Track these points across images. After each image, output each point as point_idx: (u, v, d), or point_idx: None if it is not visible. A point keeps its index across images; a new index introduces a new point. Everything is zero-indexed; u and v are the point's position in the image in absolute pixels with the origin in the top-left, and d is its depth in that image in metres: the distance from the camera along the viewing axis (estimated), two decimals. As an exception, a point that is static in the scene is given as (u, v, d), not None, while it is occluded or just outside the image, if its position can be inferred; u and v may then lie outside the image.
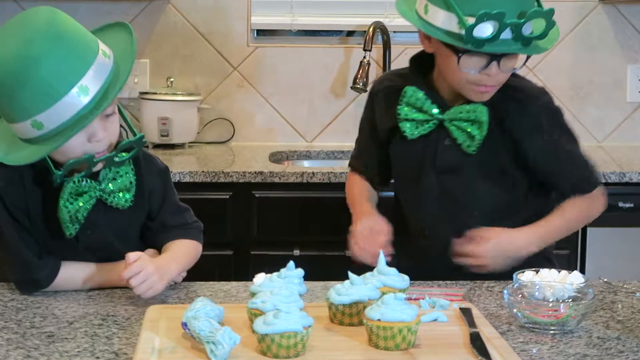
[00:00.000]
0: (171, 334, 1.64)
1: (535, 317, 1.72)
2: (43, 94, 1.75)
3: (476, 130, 2.07)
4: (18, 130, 1.82)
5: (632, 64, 3.74)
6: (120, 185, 1.94)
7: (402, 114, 2.14)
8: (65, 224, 1.89)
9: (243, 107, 3.69)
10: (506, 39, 1.96)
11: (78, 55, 1.79)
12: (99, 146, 1.85)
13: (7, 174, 1.90)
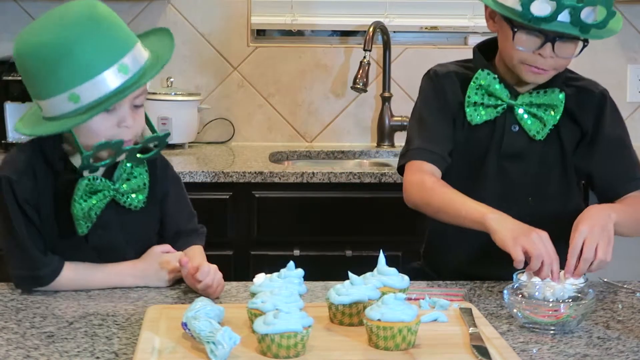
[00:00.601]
0: (171, 334, 1.64)
1: (535, 317, 1.72)
2: (85, 66, 1.80)
3: (549, 115, 2.10)
4: (51, 105, 1.84)
5: (632, 64, 3.75)
6: (133, 186, 1.96)
7: (471, 96, 2.13)
8: (78, 221, 1.91)
9: (243, 107, 3.69)
10: (563, 22, 1.96)
11: (119, 38, 1.85)
12: (127, 133, 1.88)
13: (21, 167, 1.92)
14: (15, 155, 1.98)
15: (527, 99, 2.11)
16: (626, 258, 3.21)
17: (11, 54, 3.53)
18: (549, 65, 2.06)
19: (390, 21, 3.66)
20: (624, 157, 2.16)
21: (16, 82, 3.36)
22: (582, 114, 2.14)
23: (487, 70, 2.13)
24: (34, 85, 1.86)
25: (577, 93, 2.15)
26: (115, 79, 1.82)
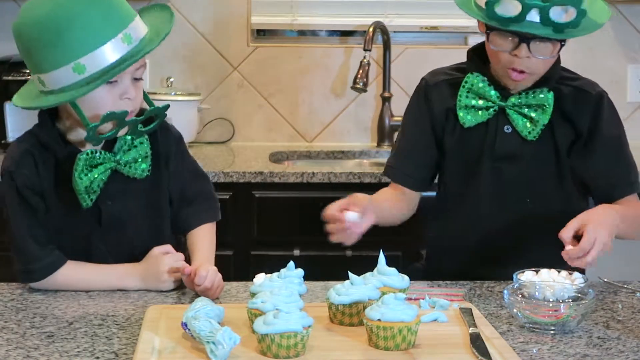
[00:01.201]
0: (171, 334, 1.64)
1: (535, 317, 1.72)
2: (90, 37, 1.82)
3: (540, 115, 2.09)
4: (54, 78, 1.85)
5: (632, 64, 3.74)
6: (135, 155, 1.97)
7: (462, 100, 2.14)
8: (81, 194, 1.92)
9: (243, 107, 3.69)
10: (533, 22, 1.96)
11: (120, 10, 1.88)
12: (129, 104, 1.90)
13: (19, 157, 1.94)
14: (13, 147, 2.00)
15: (517, 100, 2.11)
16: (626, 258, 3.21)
17: (11, 54, 3.55)
18: (527, 66, 2.04)
19: (390, 21, 3.66)
20: (621, 160, 2.15)
21: (16, 82, 3.36)
22: (577, 114, 2.13)
23: (477, 73, 2.13)
24: (36, 58, 1.87)
25: (574, 93, 2.14)
26: (117, 50, 1.84)
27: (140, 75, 1.93)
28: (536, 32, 1.97)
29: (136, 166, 1.98)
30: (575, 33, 2.00)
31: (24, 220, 1.94)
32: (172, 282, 1.97)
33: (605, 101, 2.15)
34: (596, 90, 2.16)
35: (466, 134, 2.16)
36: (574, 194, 2.19)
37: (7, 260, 3.10)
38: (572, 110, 2.13)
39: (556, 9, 1.95)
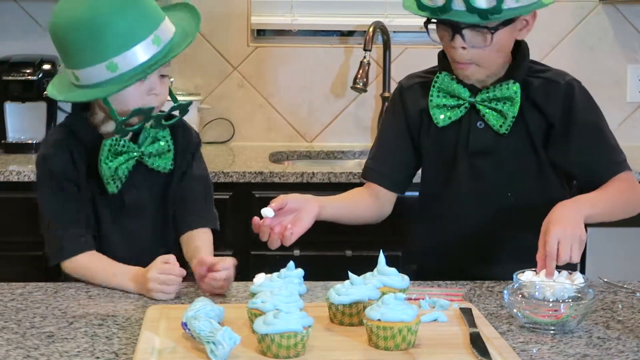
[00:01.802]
0: (171, 334, 1.64)
1: (535, 317, 1.72)
2: (125, 37, 1.95)
3: (509, 108, 2.10)
4: (87, 74, 1.98)
5: (632, 64, 3.74)
6: (158, 148, 2.10)
7: (433, 100, 2.16)
8: (107, 180, 2.05)
9: (243, 107, 3.69)
10: (460, 10, 2.00)
11: (151, 11, 2.00)
12: (155, 100, 2.04)
13: (55, 143, 2.09)
14: (49, 136, 2.15)
15: (486, 95, 2.12)
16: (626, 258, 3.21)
17: (11, 54, 3.55)
18: (467, 57, 2.07)
19: (390, 21, 3.66)
20: (601, 142, 2.14)
21: (16, 82, 3.36)
22: (547, 105, 2.13)
23: (445, 72, 2.16)
24: (71, 56, 1.98)
25: (544, 84, 2.14)
26: (148, 51, 1.97)
27: (166, 72, 2.05)
28: (462, 20, 2.01)
29: (160, 160, 2.10)
30: (501, 17, 2.02)
31: (58, 202, 2.05)
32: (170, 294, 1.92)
33: (576, 89, 2.14)
34: (565, 80, 2.15)
35: (441, 133, 2.18)
36: (554, 183, 2.18)
37: (7, 260, 3.11)
38: (542, 101, 2.13)
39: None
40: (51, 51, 3.54)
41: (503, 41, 2.08)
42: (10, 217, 3.09)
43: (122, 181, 2.07)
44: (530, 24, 2.12)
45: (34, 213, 3.08)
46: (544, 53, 3.64)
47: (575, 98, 2.13)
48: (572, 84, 2.14)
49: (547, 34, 3.62)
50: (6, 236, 3.10)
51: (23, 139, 3.44)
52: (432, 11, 2.05)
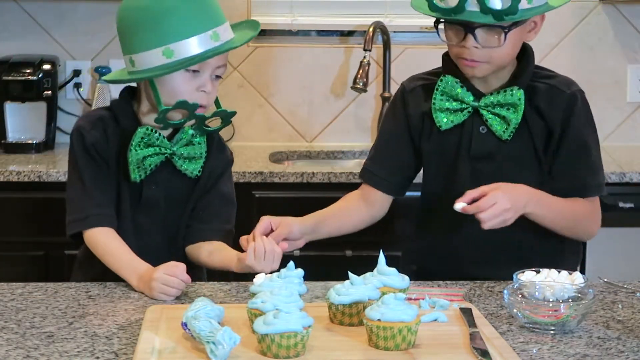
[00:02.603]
0: (171, 334, 1.64)
1: (535, 317, 1.72)
2: (186, 25, 2.00)
3: (512, 114, 2.10)
4: (143, 58, 2.02)
5: (632, 64, 3.74)
6: (190, 152, 2.11)
7: (437, 103, 2.15)
8: (132, 167, 2.06)
9: (243, 107, 3.69)
10: (474, 11, 2.00)
11: (217, 10, 2.09)
12: (204, 98, 2.06)
13: (94, 118, 2.12)
14: (89, 113, 2.20)
15: (490, 100, 2.12)
16: (626, 258, 3.21)
17: (11, 54, 3.55)
18: (479, 56, 2.07)
19: (390, 21, 3.66)
20: (584, 161, 2.13)
21: (16, 82, 3.37)
22: (550, 112, 2.12)
23: (449, 75, 2.15)
24: (131, 39, 2.03)
25: (548, 90, 2.14)
26: (204, 44, 2.01)
27: (220, 73, 2.09)
28: (477, 21, 2.01)
29: (189, 164, 2.11)
30: (517, 18, 2.02)
31: (88, 169, 2.08)
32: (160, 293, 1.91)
33: (579, 101, 2.14)
34: (571, 90, 2.14)
35: (443, 136, 2.17)
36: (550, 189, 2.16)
37: (7, 260, 3.11)
38: (545, 107, 2.12)
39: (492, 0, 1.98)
40: (51, 51, 3.58)
41: (514, 41, 2.08)
42: (10, 217, 3.09)
43: (146, 172, 2.08)
44: (538, 26, 2.12)
45: (34, 213, 3.09)
46: (544, 53, 3.64)
47: (575, 110, 2.13)
48: (576, 95, 2.14)
49: (547, 34, 3.62)
50: (6, 236, 3.10)
51: (23, 139, 3.44)
52: (444, 12, 2.04)
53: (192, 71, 2.03)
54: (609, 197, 3.18)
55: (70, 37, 3.59)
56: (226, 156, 2.22)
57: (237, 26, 2.19)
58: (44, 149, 3.43)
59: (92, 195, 2.07)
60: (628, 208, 3.18)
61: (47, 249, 3.10)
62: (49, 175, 3.04)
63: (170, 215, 2.15)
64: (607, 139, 3.76)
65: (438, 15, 2.06)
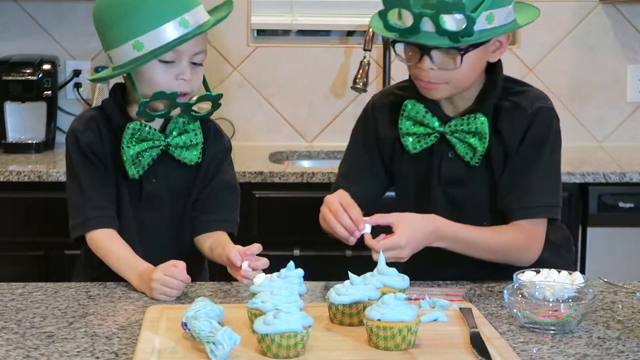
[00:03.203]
0: (171, 334, 1.64)
1: (535, 317, 1.72)
2: (150, 17, 1.98)
3: (477, 142, 2.04)
4: (117, 55, 2.02)
5: (632, 64, 3.74)
6: (185, 140, 2.10)
7: (403, 128, 2.09)
8: (128, 164, 2.06)
9: (243, 107, 3.69)
10: (429, 32, 1.92)
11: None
12: (184, 85, 2.04)
13: (86, 119, 2.12)
14: (82, 114, 2.18)
15: (455, 126, 2.05)
16: (626, 258, 3.21)
17: (11, 54, 3.55)
18: (435, 78, 1.99)
19: (390, 21, 3.65)
20: (530, 178, 2.03)
21: (16, 82, 3.37)
22: (509, 133, 2.05)
23: (414, 100, 2.07)
24: (107, 35, 2.04)
25: (512, 110, 2.06)
26: (175, 31, 1.99)
27: (199, 60, 2.06)
28: (431, 43, 1.93)
29: (186, 152, 2.10)
30: (473, 40, 1.93)
31: (85, 171, 2.08)
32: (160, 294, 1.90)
33: (538, 119, 2.04)
34: (533, 108, 2.04)
35: (413, 159, 2.11)
36: None
37: (7, 260, 3.11)
38: (506, 129, 2.05)
39: (447, 17, 1.89)
40: (51, 51, 3.58)
41: (473, 63, 2.00)
42: (10, 217, 3.09)
43: (144, 168, 2.07)
44: (504, 45, 2.03)
45: (34, 213, 3.09)
46: (544, 53, 3.64)
47: (532, 128, 2.03)
48: (537, 112, 2.04)
49: (547, 34, 3.62)
50: (6, 236, 3.10)
51: (23, 139, 3.44)
52: (400, 32, 1.96)
53: (168, 61, 2.02)
54: (609, 197, 3.20)
55: (70, 37, 3.59)
56: (223, 144, 2.22)
57: (215, 9, 2.16)
58: (44, 149, 3.43)
59: (90, 197, 2.06)
60: (628, 208, 3.18)
61: (47, 249, 3.10)
62: (49, 175, 3.04)
63: (173, 208, 2.14)
64: (607, 139, 3.76)
65: (394, 36, 1.97)
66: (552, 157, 2.07)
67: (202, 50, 2.06)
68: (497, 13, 1.96)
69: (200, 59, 2.06)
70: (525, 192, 2.04)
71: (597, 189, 3.17)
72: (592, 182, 3.15)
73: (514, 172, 2.05)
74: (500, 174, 2.07)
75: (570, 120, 3.69)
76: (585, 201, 3.19)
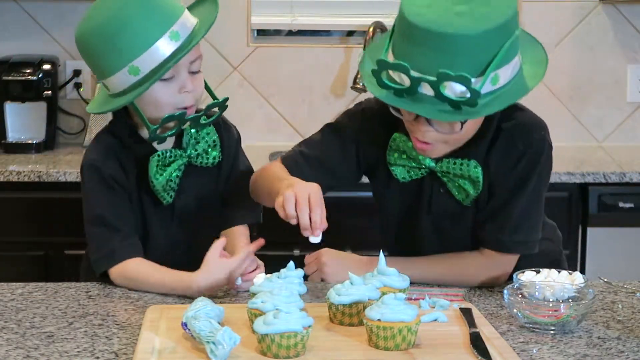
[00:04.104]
0: (171, 334, 1.64)
1: (535, 317, 1.72)
2: (140, 38, 1.91)
3: (470, 187, 1.95)
4: (114, 83, 1.95)
5: (632, 64, 3.74)
6: (204, 146, 2.08)
7: (391, 159, 1.99)
8: (160, 194, 2.03)
9: (243, 107, 3.69)
10: (427, 95, 1.75)
11: (167, 6, 1.96)
12: (188, 98, 1.99)
13: (103, 149, 2.05)
14: (93, 145, 2.08)
15: (446, 167, 1.95)
16: (626, 258, 3.21)
17: (11, 54, 3.54)
18: (432, 138, 1.87)
19: (391, 21, 3.64)
20: (507, 216, 1.96)
21: (16, 82, 3.37)
22: (497, 168, 1.95)
23: (403, 134, 1.95)
24: (98, 65, 1.97)
25: (504, 145, 1.95)
26: (168, 47, 1.92)
27: (196, 68, 2.01)
28: (430, 115, 1.77)
29: (207, 156, 2.09)
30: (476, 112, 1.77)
31: (109, 202, 2.00)
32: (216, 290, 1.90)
33: (527, 156, 1.93)
34: (527, 142, 1.94)
35: (402, 187, 2.02)
36: None
37: (7, 260, 3.11)
38: (495, 163, 1.95)
39: (449, 84, 1.73)
40: (51, 51, 3.58)
41: (474, 122, 1.89)
42: (10, 217, 3.09)
43: (174, 190, 2.05)
44: None
45: (34, 213, 3.09)
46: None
47: (520, 164, 1.94)
48: (528, 148, 1.93)
49: (547, 34, 3.62)
50: (6, 236, 3.10)
51: (23, 139, 3.44)
52: (395, 91, 1.77)
53: (167, 78, 1.95)
54: (609, 197, 3.20)
55: (70, 37, 3.56)
56: (233, 135, 2.20)
57: (197, 4, 2.09)
58: (44, 149, 3.43)
59: (115, 228, 1.99)
60: (628, 208, 3.18)
61: (47, 249, 3.10)
62: (49, 175, 3.04)
63: (204, 217, 2.11)
64: (607, 139, 3.76)
65: (387, 95, 1.79)
66: (535, 192, 1.97)
67: (198, 57, 2.01)
68: (503, 71, 1.78)
69: (197, 66, 2.02)
70: (501, 227, 1.97)
71: (597, 189, 3.17)
72: (592, 182, 3.15)
73: (493, 204, 1.98)
74: (484, 205, 1.99)
75: (570, 120, 3.69)
76: (585, 201, 3.19)
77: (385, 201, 2.10)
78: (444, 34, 1.72)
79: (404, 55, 1.77)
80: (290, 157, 2.10)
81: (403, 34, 1.78)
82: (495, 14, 1.76)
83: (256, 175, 2.16)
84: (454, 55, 1.73)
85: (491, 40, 1.74)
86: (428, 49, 1.74)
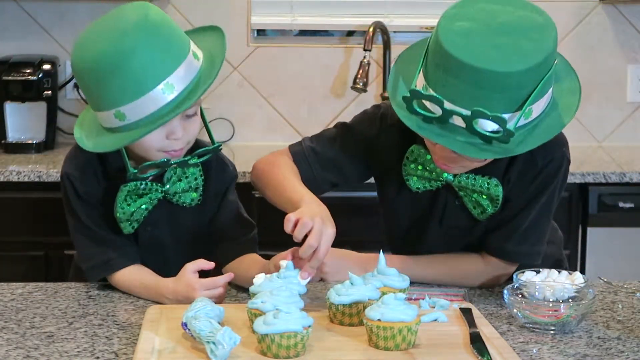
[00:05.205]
0: (171, 334, 1.64)
1: (535, 317, 1.72)
2: (131, 87, 1.77)
3: (489, 204, 1.93)
4: (102, 118, 1.85)
5: (632, 64, 3.75)
6: (184, 186, 1.96)
7: (407, 170, 1.96)
8: (122, 223, 1.93)
9: (243, 107, 3.69)
10: (458, 126, 1.71)
11: (169, 53, 1.81)
12: (176, 144, 1.88)
13: (82, 163, 1.94)
14: (75, 154, 1.98)
15: (465, 181, 1.91)
16: (626, 258, 3.21)
17: (11, 54, 3.55)
18: (455, 161, 1.84)
19: (391, 21, 3.66)
20: (515, 227, 1.95)
21: (16, 82, 3.37)
22: (515, 184, 1.93)
23: (421, 146, 1.92)
24: (89, 97, 1.87)
25: (524, 159, 1.90)
26: (160, 99, 1.79)
27: (192, 112, 1.88)
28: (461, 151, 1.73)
29: (186, 195, 1.97)
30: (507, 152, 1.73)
31: (90, 216, 1.94)
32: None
33: (544, 173, 1.91)
34: (545, 160, 1.91)
35: (414, 196, 1.99)
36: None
37: (7, 260, 3.11)
38: (514, 179, 1.93)
39: (482, 120, 1.69)
40: (51, 51, 3.58)
41: None
42: (10, 217, 3.09)
43: (139, 222, 1.94)
44: None
45: (34, 213, 3.09)
46: (544, 53, 3.64)
47: (536, 181, 1.92)
48: (546, 166, 1.91)
49: (547, 34, 3.62)
50: (6, 236, 3.10)
51: (23, 139, 3.44)
52: (425, 118, 1.73)
53: None
54: (609, 197, 3.20)
55: (70, 37, 3.59)
56: (229, 174, 2.08)
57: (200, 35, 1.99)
58: (44, 149, 3.43)
59: (104, 237, 1.94)
60: (628, 208, 3.18)
61: (47, 249, 3.10)
62: (49, 175, 3.04)
63: (179, 250, 2.02)
64: (607, 139, 3.77)
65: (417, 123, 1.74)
66: (546, 205, 1.95)
67: (197, 102, 1.86)
68: (537, 105, 1.73)
69: (194, 111, 1.89)
70: (507, 236, 1.96)
71: (597, 189, 3.18)
72: (592, 182, 3.16)
73: (503, 213, 1.96)
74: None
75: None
76: (585, 201, 3.19)
77: (394, 208, 2.07)
78: (481, 69, 1.66)
79: (436, 82, 1.72)
80: (299, 152, 2.07)
81: (438, 60, 1.72)
82: (537, 50, 1.69)
83: (262, 168, 2.07)
84: (491, 91, 1.67)
85: (530, 77, 1.68)
86: (463, 82, 1.68)
